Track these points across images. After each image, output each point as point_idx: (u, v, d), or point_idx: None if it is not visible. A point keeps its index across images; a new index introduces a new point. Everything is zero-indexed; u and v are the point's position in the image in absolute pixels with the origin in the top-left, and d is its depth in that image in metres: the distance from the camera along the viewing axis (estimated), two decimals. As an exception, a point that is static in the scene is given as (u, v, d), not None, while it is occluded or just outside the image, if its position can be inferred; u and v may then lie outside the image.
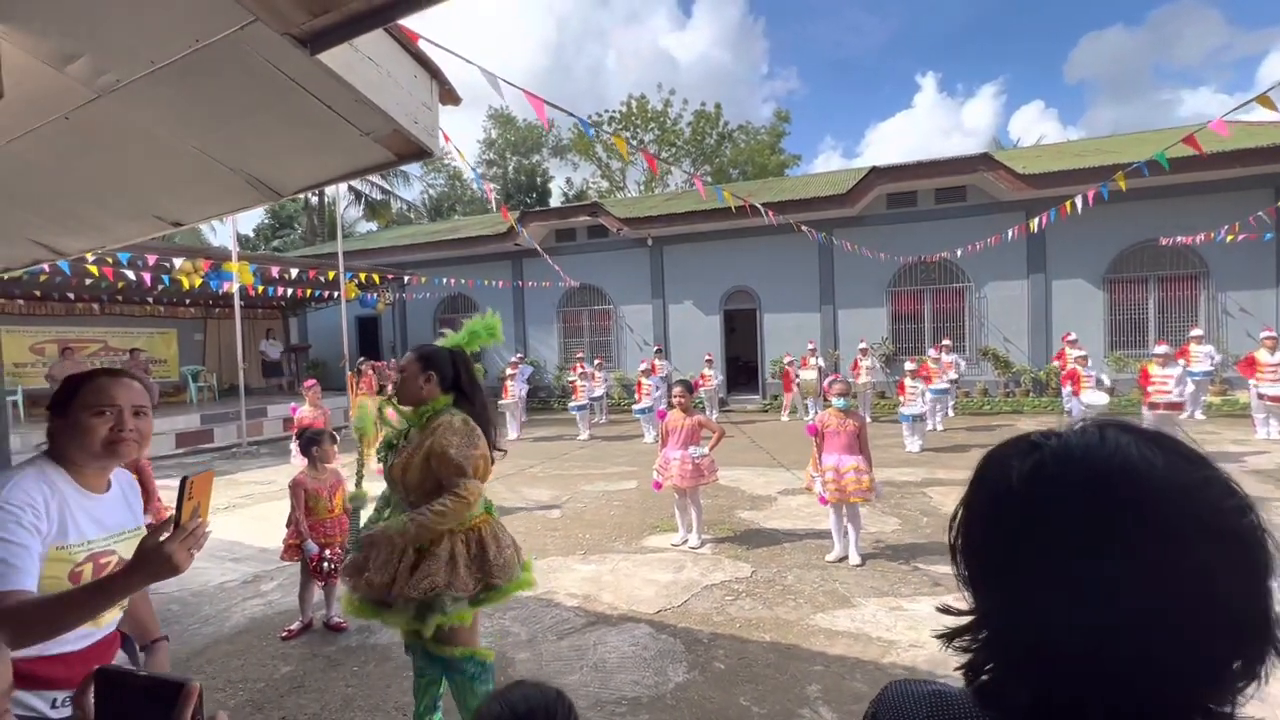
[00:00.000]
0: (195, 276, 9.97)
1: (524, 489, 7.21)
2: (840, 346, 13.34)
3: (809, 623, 3.63)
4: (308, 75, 1.60)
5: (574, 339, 15.84)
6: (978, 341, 12.71)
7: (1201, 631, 0.46)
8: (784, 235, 12.23)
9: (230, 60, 1.56)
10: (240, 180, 2.13)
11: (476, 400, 2.35)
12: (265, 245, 30.10)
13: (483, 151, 34.11)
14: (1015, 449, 0.58)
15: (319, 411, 6.97)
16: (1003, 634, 0.57)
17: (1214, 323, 11.26)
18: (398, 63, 1.74)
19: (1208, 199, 10.93)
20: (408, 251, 16.62)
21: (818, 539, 5.02)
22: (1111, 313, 11.98)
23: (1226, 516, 0.48)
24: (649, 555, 4.90)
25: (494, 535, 2.30)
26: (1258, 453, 7.53)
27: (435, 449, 2.17)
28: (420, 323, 17.34)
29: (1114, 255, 11.84)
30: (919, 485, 6.68)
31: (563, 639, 3.55)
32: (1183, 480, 0.49)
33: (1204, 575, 0.46)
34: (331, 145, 1.85)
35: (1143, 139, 14.83)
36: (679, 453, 4.98)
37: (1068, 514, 0.51)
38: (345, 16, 1.38)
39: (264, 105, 1.73)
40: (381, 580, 2.19)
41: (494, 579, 2.22)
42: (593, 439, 10.73)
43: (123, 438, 1.38)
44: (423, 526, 2.13)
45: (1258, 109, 4.18)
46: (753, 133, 32.44)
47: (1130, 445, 0.52)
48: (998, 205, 12.26)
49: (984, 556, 0.59)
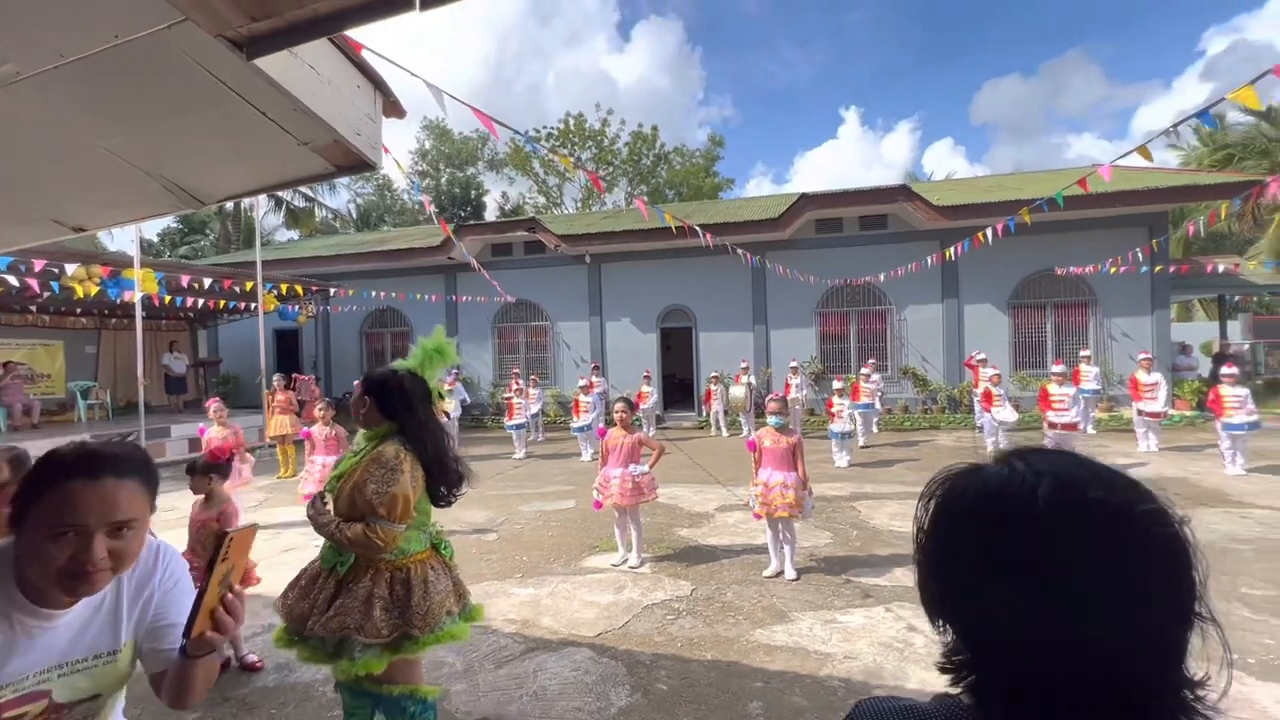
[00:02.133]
0: (90, 284, 9.11)
1: (457, 511, 6.95)
2: (772, 365, 13.75)
3: (748, 639, 3.67)
4: (242, 80, 1.51)
5: (510, 355, 15.57)
6: (899, 361, 13.43)
7: (1149, 607, 0.53)
8: (719, 256, 12.54)
9: (154, 59, 1.45)
10: (157, 185, 1.98)
11: (409, 428, 2.19)
12: (172, 252, 27.99)
13: (415, 162, 33.27)
14: (980, 476, 0.62)
15: (229, 431, 6.45)
16: (980, 645, 0.61)
17: (1101, 346, 12.40)
18: (341, 72, 1.68)
19: (1096, 234, 12.10)
20: (333, 262, 15.87)
21: (755, 554, 5.10)
22: (1015, 335, 12.97)
23: (1163, 533, 0.56)
24: (589, 576, 4.83)
25: (424, 579, 2.13)
26: (1139, 464, 8.30)
27: (357, 480, 2.06)
28: (345, 337, 16.56)
29: (1017, 283, 12.86)
30: (848, 500, 6.94)
31: (501, 667, 3.42)
32: (1127, 502, 0.56)
33: (1151, 579, 0.54)
34: (265, 153, 1.76)
35: (1038, 178, 16.27)
36: (619, 471, 4.96)
37: (1033, 536, 0.56)
38: (287, 23, 1.32)
39: (190, 108, 1.62)
40: (299, 610, 2.06)
41: (411, 628, 2.03)
42: (529, 458, 10.53)
43: (86, 571, 1.01)
44: (332, 535, 2.04)
45: (1137, 156, 4.68)
46: (688, 155, 33.26)
47: (1084, 475, 0.58)
48: (916, 234, 13.08)
49: (952, 576, 0.62)
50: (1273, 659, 3.26)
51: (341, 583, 2.07)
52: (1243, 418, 7.39)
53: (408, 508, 2.09)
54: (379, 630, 1.99)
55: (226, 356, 16.34)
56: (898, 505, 6.58)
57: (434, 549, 2.31)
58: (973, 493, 0.61)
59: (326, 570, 2.11)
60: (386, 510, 2.02)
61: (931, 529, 0.64)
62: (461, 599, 2.29)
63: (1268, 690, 2.97)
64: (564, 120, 31.32)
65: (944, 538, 0.63)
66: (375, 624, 1.99)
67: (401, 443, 2.16)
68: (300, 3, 1.27)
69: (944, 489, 0.65)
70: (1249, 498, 6.44)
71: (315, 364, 16.23)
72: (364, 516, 2.04)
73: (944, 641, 0.64)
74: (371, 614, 2.00)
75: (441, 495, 2.27)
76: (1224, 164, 17.62)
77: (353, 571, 2.09)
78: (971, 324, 13.08)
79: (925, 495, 0.66)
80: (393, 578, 2.09)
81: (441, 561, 2.29)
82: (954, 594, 0.62)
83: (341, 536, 2.02)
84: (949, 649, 0.63)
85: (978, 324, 13.03)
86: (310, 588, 2.09)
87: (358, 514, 2.06)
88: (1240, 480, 7.19)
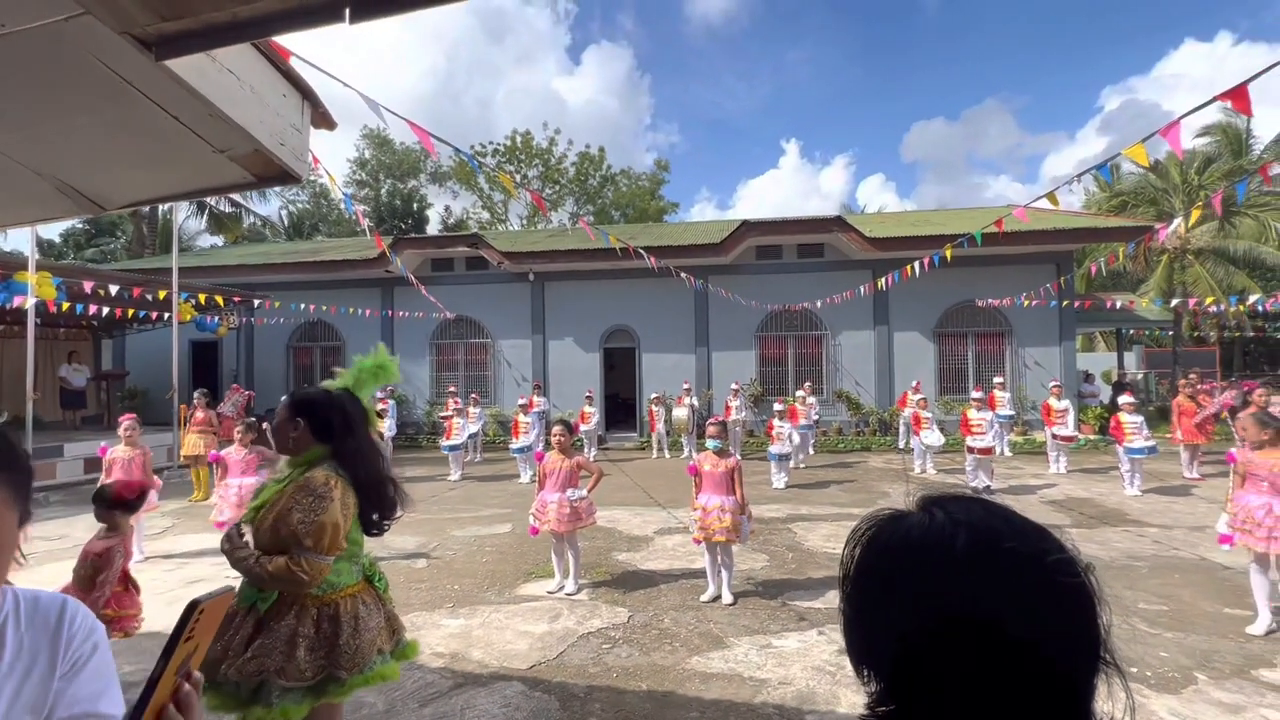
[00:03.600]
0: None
1: (387, 537, 6.60)
2: (714, 387, 13.95)
3: (684, 667, 3.63)
4: (150, 81, 1.40)
5: (448, 373, 15.12)
6: (833, 385, 13.89)
7: (1059, 654, 0.55)
8: (663, 278, 12.68)
9: (48, 52, 1.33)
10: (48, 187, 1.81)
11: (345, 452, 2.06)
12: (77, 254, 25.89)
13: (354, 171, 32.21)
14: (903, 525, 0.63)
15: (136, 452, 5.89)
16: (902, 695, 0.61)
17: (1016, 374, 13.25)
18: (264, 79, 1.58)
19: (1011, 270, 13.00)
20: (260, 271, 15.04)
21: (694, 579, 5.09)
22: (940, 362, 13.69)
23: (1070, 582, 0.57)
24: (523, 605, 4.68)
25: (354, 615, 1.99)
26: (1050, 485, 8.86)
27: (281, 509, 1.91)
28: (270, 351, 15.67)
29: (941, 312, 13.61)
30: (784, 521, 7.05)
31: (426, 706, 3.24)
32: (1038, 552, 0.58)
33: (1060, 617, 0.56)
34: (176, 159, 1.63)
35: (961, 214, 17.38)
36: (556, 496, 4.86)
37: (950, 585, 0.57)
38: (202, 25, 1.24)
39: (89, 107, 1.49)
40: (212, 653, 1.87)
41: (338, 669, 1.90)
42: (465, 479, 10.19)
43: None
44: (250, 570, 1.87)
45: (1047, 200, 5.07)
46: (634, 178, 33.74)
47: (998, 525, 0.59)
48: (850, 263, 13.67)
49: (875, 624, 0.62)
50: (1167, 671, 3.49)
51: (261, 621, 1.91)
52: (1141, 442, 8.02)
53: (337, 537, 1.94)
54: (301, 672, 1.85)
55: (135, 369, 15.13)
56: (832, 527, 6.74)
57: (367, 581, 2.16)
58: (895, 541, 0.62)
59: (245, 608, 1.94)
60: (314, 541, 1.88)
61: (856, 576, 0.64)
62: (395, 635, 2.15)
63: (1163, 702, 3.18)
64: (510, 137, 31.20)
65: (867, 586, 0.63)
66: (298, 665, 1.84)
67: (333, 468, 2.02)
68: (218, 5, 1.20)
69: (869, 535, 0.65)
70: (1145, 517, 6.97)
71: (236, 378, 15.24)
72: (288, 549, 1.89)
73: (868, 691, 0.63)
74: (295, 654, 1.85)
75: (374, 523, 2.14)
76: (1119, 210, 19.36)
77: (275, 608, 1.92)
78: (901, 350, 13.71)
79: (851, 541, 0.66)
80: (319, 614, 1.94)
81: (375, 595, 2.15)
82: (877, 642, 0.61)
83: (261, 571, 1.86)
84: (873, 699, 0.62)
85: (906, 351, 13.67)
86: (225, 628, 1.91)
87: (280, 547, 1.91)
88: (1137, 501, 7.78)
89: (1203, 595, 4.61)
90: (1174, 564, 5.34)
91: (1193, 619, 4.20)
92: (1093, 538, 6.14)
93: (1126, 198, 19.58)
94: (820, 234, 13.47)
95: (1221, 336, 21.94)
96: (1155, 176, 18.55)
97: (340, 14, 1.16)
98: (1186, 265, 17.68)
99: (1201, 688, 3.31)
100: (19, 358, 11.33)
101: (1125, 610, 4.33)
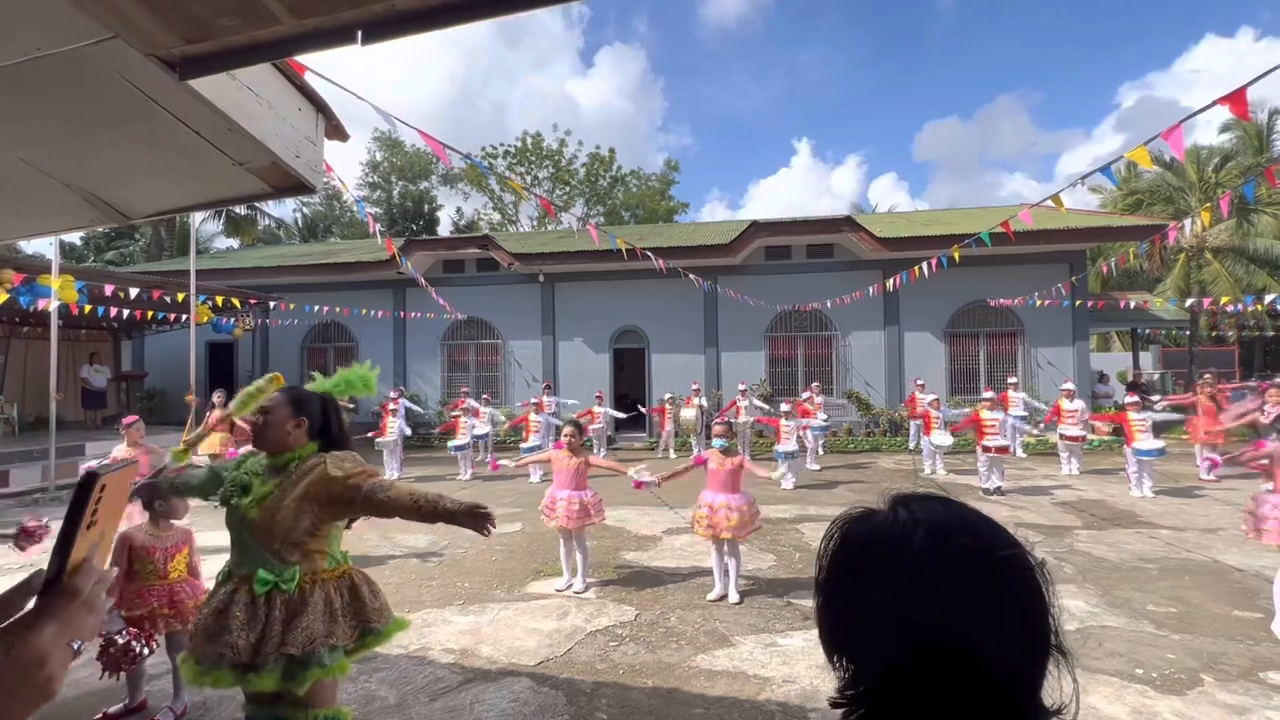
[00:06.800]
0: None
1: (399, 536, 6.73)
2: (723, 387, 13.96)
3: (690, 665, 3.68)
4: (174, 99, 1.48)
5: (459, 374, 15.26)
6: (843, 385, 13.86)
7: (1005, 645, 0.59)
8: (672, 279, 12.72)
9: (79, 73, 1.41)
10: (76, 198, 1.90)
11: (337, 449, 2.18)
12: (97, 257, 26.39)
13: (366, 174, 32.54)
14: (870, 521, 0.68)
15: (139, 451, 5.97)
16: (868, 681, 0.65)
17: (1029, 374, 13.14)
18: (280, 95, 1.66)
19: (1023, 269, 12.89)
20: (274, 274, 15.27)
21: (701, 577, 5.13)
22: (951, 362, 13.61)
23: (1020, 575, 0.62)
24: (532, 602, 4.75)
25: (365, 580, 2.19)
26: (1062, 486, 8.80)
27: (320, 478, 2.00)
28: (285, 352, 15.90)
29: (952, 312, 13.53)
30: (792, 521, 7.07)
31: (436, 700, 3.32)
32: (989, 548, 0.63)
33: (1007, 610, 0.60)
34: (197, 171, 1.71)
35: (973, 214, 17.26)
36: (565, 493, 4.93)
37: (908, 577, 0.62)
38: (223, 48, 1.31)
39: (116, 123, 1.57)
40: (247, 641, 1.95)
41: (372, 622, 2.10)
42: (475, 479, 10.30)
43: None
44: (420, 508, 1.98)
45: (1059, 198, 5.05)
46: (644, 179, 33.76)
47: (954, 523, 0.64)
48: (860, 263, 13.63)
49: (843, 613, 0.67)
50: (1173, 673, 3.49)
51: (290, 601, 2.01)
52: (1150, 444, 7.94)
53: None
54: (347, 633, 2.03)
55: (153, 370, 15.42)
56: (839, 527, 6.74)
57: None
58: (862, 537, 0.66)
59: (261, 593, 2.02)
60: (368, 473, 2.02)
61: (828, 568, 0.69)
62: None
63: (1167, 703, 3.18)
64: (521, 139, 31.36)
65: (837, 578, 0.67)
66: (342, 628, 2.02)
67: None
68: (238, 29, 1.26)
69: (841, 531, 0.69)
70: (1156, 519, 6.91)
71: (251, 379, 15.46)
72: (351, 501, 2.01)
73: (839, 677, 0.68)
74: (336, 620, 2.02)
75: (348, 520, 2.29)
76: (1135, 208, 19.14)
77: (299, 589, 2.04)
78: (911, 351, 13.64)
79: (826, 535, 0.71)
80: (339, 585, 2.11)
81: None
82: (845, 631, 0.66)
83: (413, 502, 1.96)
84: (842, 684, 0.67)
85: (917, 351, 13.61)
86: (255, 617, 1.99)
87: (309, 519, 2.01)
88: (1148, 502, 7.71)
89: (1213, 598, 4.59)
90: (1185, 566, 5.31)
91: (1201, 621, 4.18)
92: (1103, 539, 6.11)
93: (1142, 196, 19.35)
94: (830, 234, 13.45)
95: (1240, 336, 21.62)
96: (1172, 175, 18.32)
97: (353, 36, 1.23)
98: (1204, 264, 17.44)
99: (1208, 690, 3.30)
100: (43, 359, 11.60)
101: (1134, 612, 4.32)
